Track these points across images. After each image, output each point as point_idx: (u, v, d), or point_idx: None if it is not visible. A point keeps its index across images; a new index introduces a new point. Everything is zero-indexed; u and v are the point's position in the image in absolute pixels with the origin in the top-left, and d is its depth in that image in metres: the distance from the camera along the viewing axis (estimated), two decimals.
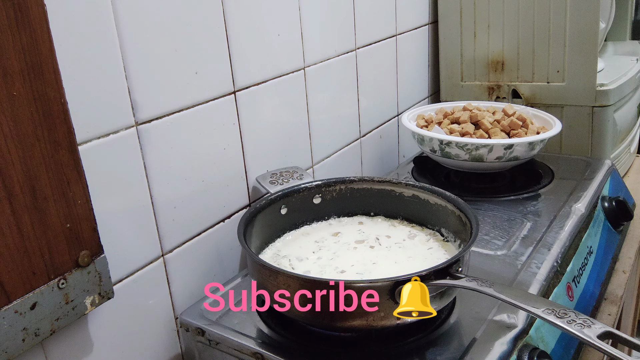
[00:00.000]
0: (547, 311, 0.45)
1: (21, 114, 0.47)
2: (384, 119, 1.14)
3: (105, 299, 0.57)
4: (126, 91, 0.60)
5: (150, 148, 0.64)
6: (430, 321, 0.62)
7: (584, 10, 1.07)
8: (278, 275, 0.58)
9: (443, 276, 0.55)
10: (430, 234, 0.75)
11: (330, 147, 0.98)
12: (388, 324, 0.56)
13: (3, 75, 0.45)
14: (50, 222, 0.50)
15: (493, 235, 0.80)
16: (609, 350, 0.42)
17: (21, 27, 0.46)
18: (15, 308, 0.48)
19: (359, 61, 1.02)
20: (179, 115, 0.67)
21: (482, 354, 0.57)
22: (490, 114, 1.03)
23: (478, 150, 0.91)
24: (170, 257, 0.69)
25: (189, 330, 0.66)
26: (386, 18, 1.10)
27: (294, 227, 0.77)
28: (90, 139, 0.57)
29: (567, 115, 1.13)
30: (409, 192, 0.77)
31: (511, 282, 0.69)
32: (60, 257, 0.51)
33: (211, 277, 0.75)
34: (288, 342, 0.61)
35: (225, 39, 0.72)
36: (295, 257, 0.70)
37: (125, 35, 0.59)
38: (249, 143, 0.79)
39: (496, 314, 0.63)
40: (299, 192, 0.76)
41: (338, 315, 0.57)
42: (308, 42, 0.87)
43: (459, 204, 0.69)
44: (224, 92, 0.73)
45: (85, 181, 0.53)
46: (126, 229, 0.63)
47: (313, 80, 0.90)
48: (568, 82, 1.12)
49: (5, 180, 0.46)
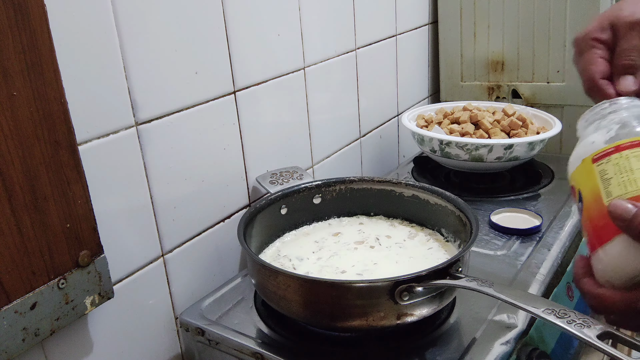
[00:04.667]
0: (547, 311, 0.45)
1: (21, 114, 0.47)
2: (384, 119, 1.14)
3: (105, 299, 0.57)
4: (126, 91, 0.60)
5: (150, 148, 0.64)
6: (430, 321, 0.62)
7: (584, 10, 1.07)
8: (278, 275, 0.58)
9: (443, 276, 0.55)
10: (430, 234, 0.75)
11: (330, 147, 0.98)
12: (388, 324, 0.56)
13: (3, 75, 0.45)
14: (50, 222, 0.50)
15: (493, 235, 0.80)
16: (609, 350, 0.42)
17: (21, 27, 0.46)
18: (15, 308, 0.48)
19: (359, 61, 1.02)
20: (179, 115, 0.67)
21: (482, 354, 0.57)
22: (490, 114, 1.03)
23: (478, 150, 0.91)
24: (170, 257, 0.69)
25: (189, 330, 0.66)
26: (386, 18, 1.10)
27: (294, 227, 0.77)
28: (90, 139, 0.57)
29: (567, 115, 1.13)
30: (409, 192, 0.77)
31: (511, 282, 0.69)
32: (60, 257, 0.51)
33: (211, 277, 0.75)
34: (288, 342, 0.61)
35: (225, 39, 0.72)
36: (295, 257, 0.70)
37: (125, 35, 0.59)
38: (249, 143, 0.79)
39: (496, 314, 0.63)
40: (299, 192, 0.76)
41: (338, 315, 0.57)
42: (308, 42, 0.87)
43: (459, 204, 0.69)
44: (224, 92, 0.73)
45: (85, 181, 0.53)
46: (126, 229, 0.63)
47: (313, 80, 0.90)
48: (568, 82, 1.12)
49: (5, 180, 0.46)
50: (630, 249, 0.44)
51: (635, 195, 0.45)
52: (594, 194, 0.48)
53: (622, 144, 0.47)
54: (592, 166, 0.48)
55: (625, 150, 0.47)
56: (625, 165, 0.47)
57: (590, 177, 0.48)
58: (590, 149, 0.49)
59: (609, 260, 0.46)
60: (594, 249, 0.47)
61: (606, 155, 0.48)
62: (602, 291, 0.46)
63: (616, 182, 0.46)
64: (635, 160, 0.46)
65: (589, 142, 0.50)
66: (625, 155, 0.47)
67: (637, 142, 0.47)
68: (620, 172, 0.47)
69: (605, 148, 0.48)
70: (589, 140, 0.50)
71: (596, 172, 0.48)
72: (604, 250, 0.46)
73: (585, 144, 0.50)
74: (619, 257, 0.45)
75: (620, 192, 0.46)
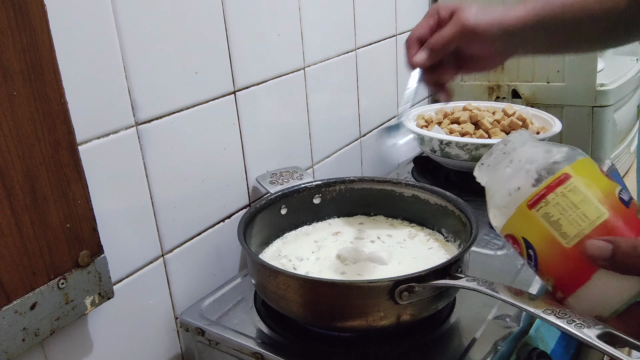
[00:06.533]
0: (547, 311, 0.45)
1: (21, 114, 0.47)
2: (384, 119, 1.14)
3: (105, 299, 0.57)
4: (126, 91, 0.60)
5: (150, 148, 0.64)
6: (430, 321, 0.62)
7: None
8: (278, 275, 0.58)
9: (443, 276, 0.55)
10: (430, 234, 0.75)
11: (330, 147, 0.98)
12: (388, 324, 0.56)
13: (3, 75, 0.45)
14: (50, 222, 0.50)
15: (493, 235, 0.80)
16: (609, 350, 0.42)
17: (21, 27, 0.46)
18: (15, 308, 0.48)
19: (359, 61, 1.02)
20: (179, 115, 0.67)
21: (482, 354, 0.57)
22: (490, 114, 1.03)
23: (478, 150, 0.91)
24: (170, 257, 0.69)
25: (189, 330, 0.66)
26: (386, 18, 1.10)
27: (294, 227, 0.77)
28: (90, 139, 0.57)
29: (567, 115, 1.13)
30: (409, 192, 0.77)
31: (511, 282, 0.69)
32: (60, 257, 0.51)
33: (211, 277, 0.75)
34: (288, 342, 0.61)
35: (225, 39, 0.72)
36: (296, 257, 0.70)
37: (125, 35, 0.59)
38: (249, 143, 0.79)
39: (496, 314, 0.63)
40: (299, 192, 0.76)
41: (338, 315, 0.57)
42: (308, 42, 0.87)
43: (459, 204, 0.69)
44: (224, 92, 0.73)
45: (85, 181, 0.53)
46: (126, 229, 0.63)
47: (313, 80, 0.90)
48: (568, 82, 1.12)
49: (5, 180, 0.46)
50: (612, 281, 0.44)
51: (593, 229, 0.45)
52: (546, 239, 0.47)
53: (552, 183, 0.47)
54: (531, 212, 0.47)
55: (559, 188, 0.46)
56: (566, 203, 0.46)
57: (534, 223, 0.47)
58: (519, 196, 0.48)
59: (593, 298, 0.45)
60: (569, 292, 0.46)
61: (541, 198, 0.47)
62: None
63: (567, 222, 0.45)
64: (573, 194, 0.46)
65: (512, 189, 0.48)
66: (560, 192, 0.46)
67: (564, 176, 0.47)
68: (565, 211, 0.46)
69: (537, 191, 0.47)
70: (510, 187, 0.49)
71: (539, 218, 0.47)
72: (584, 290, 0.45)
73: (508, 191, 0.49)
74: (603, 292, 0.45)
75: (576, 230, 0.45)
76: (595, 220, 0.45)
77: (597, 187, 0.46)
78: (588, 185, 0.46)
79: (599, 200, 0.46)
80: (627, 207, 0.46)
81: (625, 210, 0.46)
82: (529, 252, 0.48)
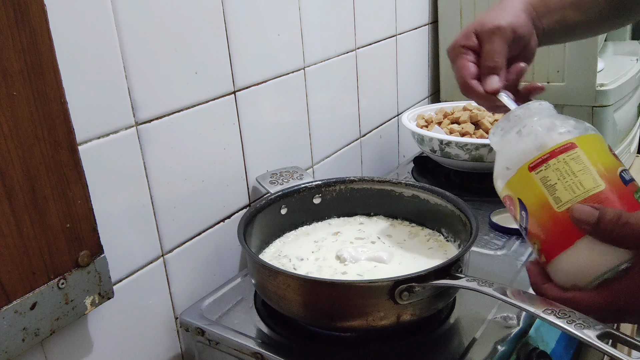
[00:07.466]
0: (547, 311, 0.45)
1: (21, 114, 0.47)
2: (383, 119, 1.14)
3: (105, 299, 0.57)
4: (126, 91, 0.60)
5: (150, 148, 0.64)
6: (430, 321, 0.62)
7: None
8: (278, 275, 0.58)
9: (443, 276, 0.55)
10: (430, 234, 0.75)
11: (330, 147, 0.98)
12: (388, 324, 0.56)
13: (3, 75, 0.45)
14: (50, 222, 0.50)
15: (493, 235, 0.80)
16: (609, 350, 0.42)
17: (21, 27, 0.46)
18: (15, 308, 0.48)
19: (359, 61, 1.02)
20: (179, 115, 0.67)
21: (482, 354, 0.57)
22: (490, 114, 1.03)
23: (478, 150, 0.91)
24: (170, 257, 0.69)
25: (189, 330, 0.66)
26: (386, 18, 1.10)
27: (293, 227, 0.77)
28: (90, 139, 0.57)
29: (567, 115, 1.12)
30: (409, 192, 0.77)
31: (511, 282, 0.69)
32: (60, 257, 0.51)
33: (211, 277, 0.75)
34: (288, 342, 0.61)
35: (225, 39, 0.72)
36: (296, 257, 0.70)
37: (125, 35, 0.59)
38: (249, 143, 0.79)
39: (496, 314, 0.63)
40: (299, 192, 0.76)
41: (338, 315, 0.57)
42: (308, 42, 0.87)
43: (459, 204, 0.69)
44: (224, 92, 0.73)
45: (85, 181, 0.53)
46: (126, 229, 0.63)
47: (313, 80, 0.90)
48: (568, 82, 1.12)
49: (5, 180, 0.46)
50: (594, 250, 0.45)
51: (585, 197, 0.45)
52: (540, 201, 0.47)
53: (556, 149, 0.47)
54: (530, 174, 0.48)
55: (562, 155, 0.47)
56: (566, 170, 0.47)
57: (531, 185, 0.48)
58: (523, 158, 0.49)
59: (573, 264, 0.46)
60: (551, 255, 0.47)
61: (543, 162, 0.47)
62: (573, 294, 0.46)
63: (562, 187, 0.46)
64: (574, 163, 0.47)
65: (518, 151, 0.49)
66: (562, 159, 0.47)
67: (570, 145, 0.47)
68: (563, 177, 0.46)
69: (540, 155, 0.48)
70: (517, 148, 0.50)
71: (537, 180, 0.47)
72: (566, 255, 0.46)
73: (515, 153, 0.50)
74: (584, 259, 0.45)
75: (569, 196, 0.46)
76: (590, 190, 0.46)
77: (599, 162, 0.47)
78: (591, 157, 0.47)
79: (598, 173, 0.46)
80: (625, 185, 0.47)
81: (623, 188, 0.46)
82: (522, 213, 0.49)
